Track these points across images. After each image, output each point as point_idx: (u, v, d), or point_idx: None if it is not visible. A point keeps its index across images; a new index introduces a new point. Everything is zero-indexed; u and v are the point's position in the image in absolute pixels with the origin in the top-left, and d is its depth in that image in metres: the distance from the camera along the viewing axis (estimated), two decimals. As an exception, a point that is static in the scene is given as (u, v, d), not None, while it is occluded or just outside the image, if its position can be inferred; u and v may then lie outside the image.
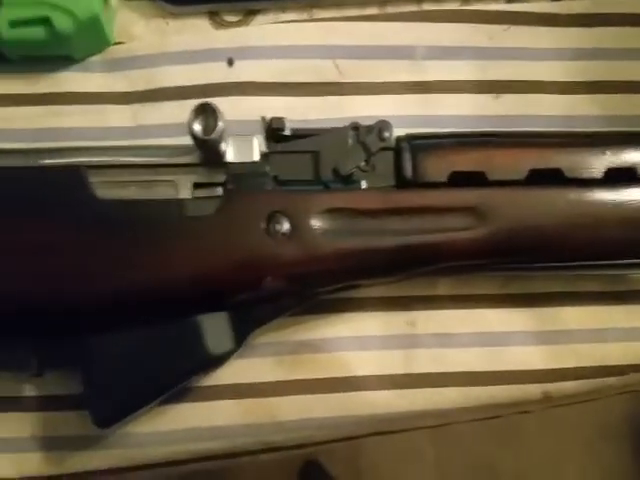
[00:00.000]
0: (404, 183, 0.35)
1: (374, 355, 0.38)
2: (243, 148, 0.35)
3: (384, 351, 0.39)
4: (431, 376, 0.38)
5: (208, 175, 0.35)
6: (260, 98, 0.41)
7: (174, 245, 0.33)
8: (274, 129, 0.36)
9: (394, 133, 0.36)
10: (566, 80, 0.43)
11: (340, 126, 0.36)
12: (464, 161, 0.35)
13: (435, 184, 0.35)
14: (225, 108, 0.33)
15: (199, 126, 0.33)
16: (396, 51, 0.42)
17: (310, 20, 0.43)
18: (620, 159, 0.36)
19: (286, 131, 0.36)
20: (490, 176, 0.35)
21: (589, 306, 0.40)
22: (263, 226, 0.34)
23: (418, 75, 0.42)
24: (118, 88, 0.41)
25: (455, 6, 0.44)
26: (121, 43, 0.42)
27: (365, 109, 0.41)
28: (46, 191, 0.34)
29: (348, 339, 0.38)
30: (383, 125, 0.36)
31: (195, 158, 0.35)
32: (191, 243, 0.33)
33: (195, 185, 0.35)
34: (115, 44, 0.42)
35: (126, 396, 0.33)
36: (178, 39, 0.42)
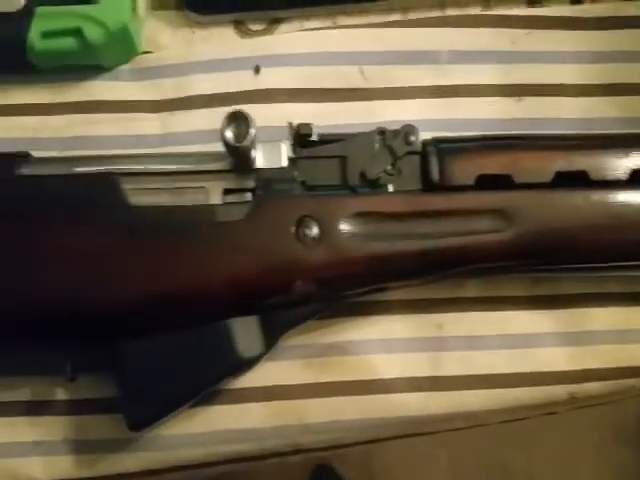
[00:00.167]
0: (431, 187, 0.36)
1: (401, 358, 0.39)
2: (271, 154, 0.36)
3: (411, 354, 0.39)
4: (458, 379, 0.39)
5: (238, 181, 0.36)
6: (286, 105, 0.42)
7: (205, 250, 0.34)
8: (301, 135, 0.36)
9: (420, 137, 0.37)
10: (587, 83, 0.43)
11: (366, 131, 0.37)
12: (491, 164, 0.36)
13: (462, 187, 0.35)
14: (252, 115, 0.33)
15: (231, 133, 0.33)
16: (420, 56, 0.43)
17: (334, 27, 0.43)
18: None
19: (313, 136, 0.36)
20: (516, 179, 0.36)
21: (614, 307, 0.40)
22: (292, 231, 0.34)
23: (442, 79, 0.43)
24: (147, 97, 0.42)
25: (477, 11, 0.44)
26: (149, 52, 0.42)
27: (390, 114, 0.41)
28: (80, 198, 0.34)
29: (375, 342, 0.39)
30: (409, 129, 0.36)
31: (225, 165, 0.36)
32: (222, 248, 0.34)
33: (225, 191, 0.35)
34: (143, 53, 0.42)
35: (160, 399, 0.34)
36: (205, 48, 0.42)
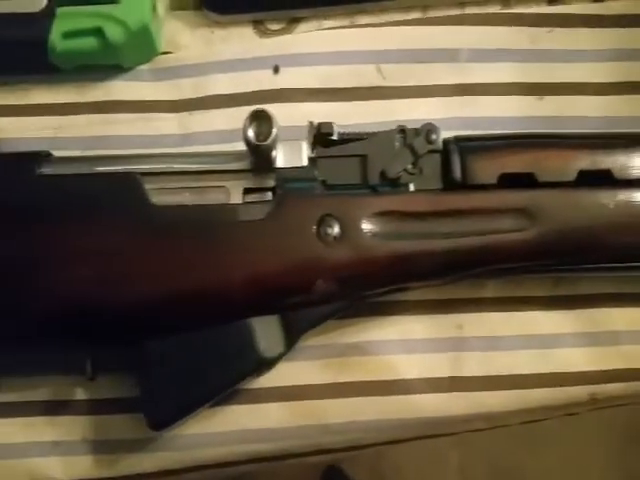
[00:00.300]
0: (452, 186, 0.36)
1: (421, 358, 0.38)
2: (291, 153, 0.36)
3: (431, 354, 0.39)
4: (478, 379, 0.38)
5: (258, 180, 0.35)
6: (306, 104, 0.42)
7: (226, 249, 0.34)
8: (322, 134, 0.36)
9: (440, 135, 0.36)
10: (607, 81, 0.43)
11: (386, 130, 0.37)
12: (514, 163, 0.35)
13: (484, 186, 0.35)
14: (271, 114, 0.33)
15: (253, 132, 0.33)
16: (439, 54, 0.42)
17: (353, 26, 0.43)
18: None
19: (334, 135, 0.36)
20: (540, 178, 0.35)
21: (635, 307, 0.40)
22: (314, 230, 0.34)
23: (462, 78, 0.42)
24: (166, 96, 0.42)
25: (496, 9, 0.44)
26: (168, 52, 0.42)
27: (409, 112, 0.41)
28: (101, 198, 0.35)
29: (395, 342, 0.39)
30: (431, 128, 0.36)
31: (245, 164, 0.36)
32: (243, 247, 0.34)
33: (245, 190, 0.35)
34: (162, 53, 0.42)
35: (181, 399, 0.34)
36: (224, 48, 0.42)
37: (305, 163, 0.36)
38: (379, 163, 0.36)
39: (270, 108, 0.33)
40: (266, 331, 0.34)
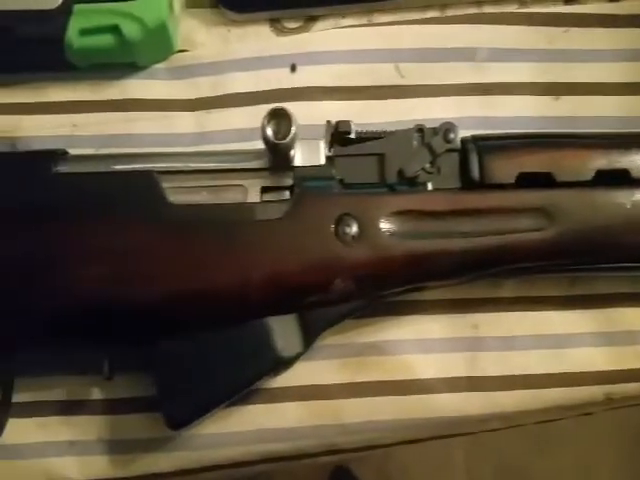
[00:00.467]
0: (470, 185, 0.35)
1: (438, 358, 0.38)
2: (309, 152, 0.36)
3: (448, 354, 0.39)
4: (494, 379, 0.38)
5: (276, 179, 0.35)
6: (323, 103, 0.41)
7: (244, 248, 0.34)
8: (340, 132, 0.36)
9: (459, 134, 0.36)
10: (624, 81, 0.43)
11: (404, 128, 0.36)
12: (532, 162, 0.35)
13: (503, 185, 0.35)
14: (288, 113, 0.33)
15: (272, 130, 0.33)
16: (457, 53, 0.42)
17: (370, 25, 0.43)
18: None
19: (352, 134, 0.36)
20: (557, 177, 0.35)
21: (652, 307, 0.40)
22: (332, 229, 0.34)
23: (479, 77, 0.42)
24: (183, 95, 0.42)
25: (513, 9, 0.44)
26: (184, 51, 0.42)
27: (427, 111, 0.41)
28: (119, 196, 0.34)
29: (412, 342, 0.39)
30: (449, 127, 0.36)
31: (262, 162, 0.36)
32: (261, 246, 0.34)
33: (263, 189, 0.35)
34: (179, 52, 0.42)
35: (199, 398, 0.34)
36: (241, 46, 0.42)
37: (323, 162, 0.36)
38: (397, 162, 0.36)
39: (287, 107, 0.34)
40: (284, 330, 0.34)
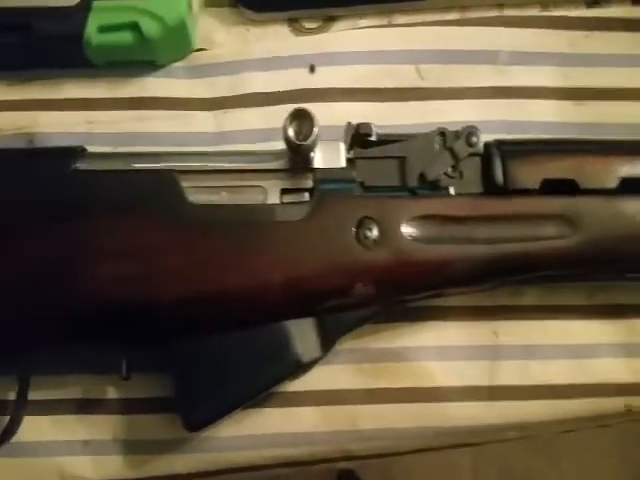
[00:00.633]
0: (493, 190, 0.35)
1: (457, 365, 0.38)
2: (330, 154, 0.35)
3: (467, 362, 0.38)
4: (514, 388, 0.38)
5: (296, 181, 0.35)
6: (342, 104, 0.41)
7: (264, 250, 0.33)
8: (361, 134, 0.35)
9: (481, 139, 0.36)
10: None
11: (422, 131, 0.36)
12: (556, 168, 0.35)
13: (527, 191, 0.35)
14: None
15: (293, 131, 0.33)
16: (478, 56, 0.42)
17: (389, 25, 0.43)
18: None
19: (373, 136, 0.36)
20: (581, 184, 0.35)
21: (674, 318, 0.39)
22: (353, 232, 0.33)
23: (500, 80, 0.42)
24: (201, 94, 0.41)
25: (535, 12, 0.43)
26: (203, 49, 0.42)
27: (447, 114, 0.41)
28: (138, 195, 0.34)
29: (431, 348, 0.38)
30: (472, 130, 0.35)
31: (282, 163, 0.35)
32: (280, 248, 0.33)
33: (283, 191, 0.35)
34: (197, 50, 0.42)
35: (217, 400, 0.33)
36: (260, 46, 0.42)
37: (343, 164, 0.35)
38: (418, 165, 0.35)
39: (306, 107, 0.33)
40: (303, 334, 0.34)
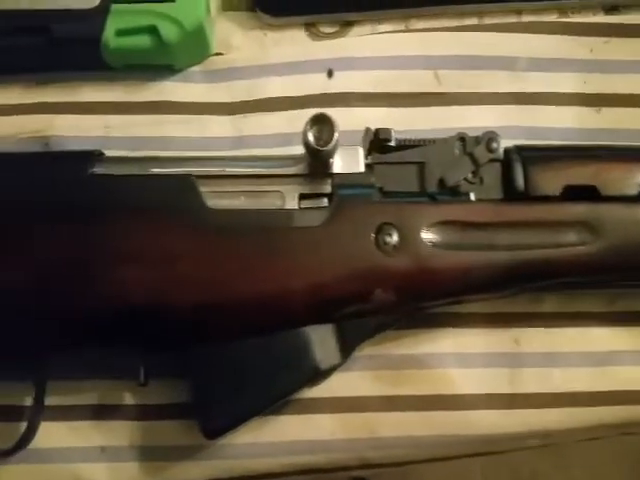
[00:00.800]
0: (514, 196, 0.35)
1: (477, 373, 0.37)
2: (348, 159, 0.35)
3: (488, 369, 0.38)
4: (535, 396, 0.37)
5: (314, 186, 0.35)
6: (360, 109, 0.41)
7: (282, 255, 0.33)
8: (380, 139, 0.35)
9: (501, 144, 0.36)
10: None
11: (440, 136, 0.36)
12: (577, 175, 0.35)
13: (548, 197, 0.34)
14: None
15: (313, 136, 0.33)
16: (496, 62, 0.42)
17: (408, 30, 0.42)
18: None
19: (392, 142, 0.35)
20: (602, 191, 0.34)
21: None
22: (372, 238, 0.33)
23: (518, 86, 0.41)
24: (219, 99, 0.41)
25: (553, 18, 0.43)
26: (220, 54, 0.42)
27: (465, 120, 0.40)
28: (156, 199, 0.34)
29: (451, 355, 0.38)
30: (492, 136, 0.35)
31: (300, 168, 0.35)
32: (299, 254, 0.33)
33: (301, 196, 0.35)
34: (215, 55, 0.42)
35: (236, 407, 0.33)
36: (277, 50, 0.42)
37: (362, 169, 0.35)
38: (437, 171, 0.35)
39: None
40: (322, 341, 0.34)
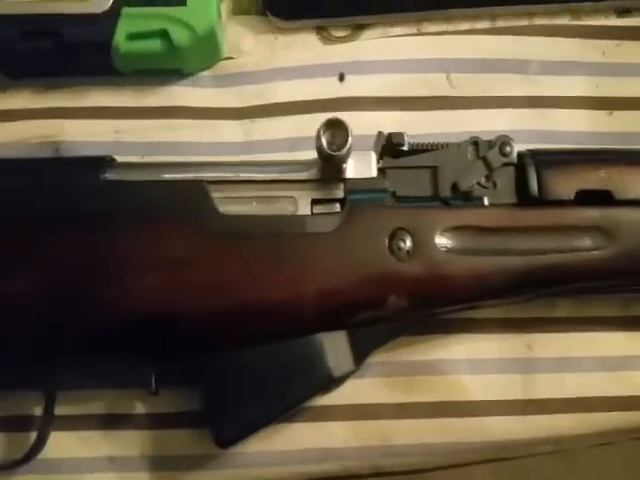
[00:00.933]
0: (528, 200, 0.34)
1: (491, 379, 0.37)
2: (361, 163, 0.35)
3: (501, 375, 0.37)
4: (549, 402, 0.37)
5: (327, 191, 0.34)
6: (372, 113, 0.40)
7: (295, 261, 0.33)
8: (393, 144, 0.35)
9: (515, 148, 0.35)
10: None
11: (453, 140, 0.35)
12: (591, 179, 0.34)
13: (562, 202, 0.34)
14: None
15: (326, 141, 0.32)
16: (509, 65, 0.41)
17: (420, 34, 0.42)
18: None
19: (405, 146, 0.35)
20: (616, 195, 0.34)
21: None
22: (386, 243, 0.33)
23: (531, 90, 0.41)
24: (229, 103, 0.41)
25: (565, 21, 0.43)
26: (230, 58, 0.41)
27: (477, 123, 0.40)
28: (169, 205, 0.33)
29: (464, 361, 0.37)
30: (505, 140, 0.35)
31: (312, 174, 0.35)
32: (312, 260, 0.33)
33: (313, 201, 0.34)
34: (225, 59, 0.41)
35: (249, 416, 0.33)
36: (288, 54, 0.41)
37: (374, 174, 0.35)
38: (451, 175, 0.35)
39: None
40: (335, 348, 0.33)
